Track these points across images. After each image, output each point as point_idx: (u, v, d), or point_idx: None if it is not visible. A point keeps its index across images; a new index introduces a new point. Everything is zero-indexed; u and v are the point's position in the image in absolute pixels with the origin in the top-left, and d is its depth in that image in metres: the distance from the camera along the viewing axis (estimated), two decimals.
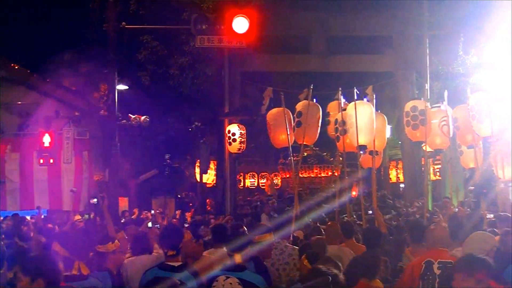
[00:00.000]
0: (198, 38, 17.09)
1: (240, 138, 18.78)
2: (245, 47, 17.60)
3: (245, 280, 5.74)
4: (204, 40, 17.10)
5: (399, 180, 27.42)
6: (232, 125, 19.06)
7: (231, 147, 18.98)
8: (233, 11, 16.59)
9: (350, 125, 11.10)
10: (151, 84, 20.71)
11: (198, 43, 17.29)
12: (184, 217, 18.57)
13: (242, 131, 18.84)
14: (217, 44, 17.38)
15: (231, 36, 16.79)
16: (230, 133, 18.86)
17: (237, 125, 18.93)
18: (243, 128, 18.90)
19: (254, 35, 16.99)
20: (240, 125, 18.95)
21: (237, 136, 18.77)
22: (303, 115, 11.09)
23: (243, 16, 16.28)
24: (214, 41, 17.16)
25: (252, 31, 16.60)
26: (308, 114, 10.96)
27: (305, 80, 22.43)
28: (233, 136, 18.81)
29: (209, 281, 5.79)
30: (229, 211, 18.89)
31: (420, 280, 6.35)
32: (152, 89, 20.56)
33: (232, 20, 16.32)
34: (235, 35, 16.68)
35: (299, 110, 11.23)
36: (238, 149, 18.99)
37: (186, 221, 17.40)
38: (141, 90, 20.47)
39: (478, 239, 6.50)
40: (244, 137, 18.89)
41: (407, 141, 19.46)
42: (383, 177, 28.39)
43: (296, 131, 11.26)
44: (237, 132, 18.79)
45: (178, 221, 16.49)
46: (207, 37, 17.03)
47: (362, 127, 10.93)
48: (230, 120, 19.49)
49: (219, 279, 5.76)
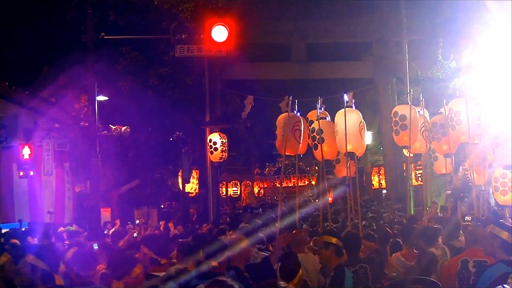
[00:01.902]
0: (177, 47, 17.10)
1: (221, 146, 18.76)
2: (224, 55, 17.63)
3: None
4: (184, 50, 17.12)
5: (382, 186, 27.51)
6: (213, 134, 19.03)
7: (212, 156, 18.94)
8: (212, 20, 16.63)
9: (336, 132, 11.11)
10: (131, 95, 20.61)
11: (177, 53, 17.31)
12: (168, 227, 18.47)
13: (224, 140, 18.82)
14: (197, 53, 17.41)
15: (211, 44, 16.82)
16: (212, 142, 18.84)
17: (218, 134, 18.90)
18: (224, 137, 18.88)
19: (233, 43, 17.04)
20: (221, 134, 18.93)
21: (219, 145, 18.75)
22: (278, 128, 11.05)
23: (222, 24, 16.32)
24: (194, 50, 17.17)
25: (231, 40, 16.65)
26: (287, 126, 10.93)
27: (286, 87, 22.58)
28: (215, 145, 18.79)
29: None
30: (212, 220, 18.81)
31: (456, 277, 6.65)
32: (133, 100, 20.46)
33: (211, 29, 16.35)
34: (214, 44, 16.72)
35: (276, 123, 11.21)
36: (220, 158, 18.97)
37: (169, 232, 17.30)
38: (122, 101, 20.36)
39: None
40: (226, 146, 18.87)
41: (389, 147, 19.64)
42: (365, 183, 28.47)
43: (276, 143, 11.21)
44: (218, 141, 18.77)
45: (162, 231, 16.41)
46: (186, 46, 17.05)
47: (350, 134, 10.93)
48: (212, 129, 19.44)
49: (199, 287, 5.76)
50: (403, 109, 11.37)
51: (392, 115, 11.47)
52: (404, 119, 11.12)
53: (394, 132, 11.41)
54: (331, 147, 11.25)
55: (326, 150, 11.24)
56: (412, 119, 10.99)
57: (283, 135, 10.76)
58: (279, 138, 10.91)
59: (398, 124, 11.25)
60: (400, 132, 11.22)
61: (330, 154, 11.38)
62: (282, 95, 12.26)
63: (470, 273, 6.54)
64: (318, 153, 11.34)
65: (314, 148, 11.34)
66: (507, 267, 5.90)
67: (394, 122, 11.38)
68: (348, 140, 10.81)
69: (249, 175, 32.94)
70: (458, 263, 6.74)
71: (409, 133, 10.98)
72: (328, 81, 22.81)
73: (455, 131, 11.32)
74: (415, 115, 11.17)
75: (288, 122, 10.84)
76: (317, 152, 11.31)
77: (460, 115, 11.21)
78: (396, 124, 11.32)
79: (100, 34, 17.18)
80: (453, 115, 11.30)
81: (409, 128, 10.95)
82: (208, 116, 20.02)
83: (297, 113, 11.37)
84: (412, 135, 11.02)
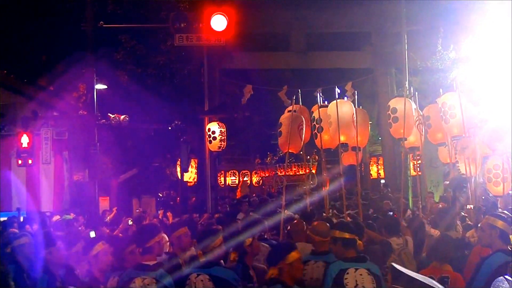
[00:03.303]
0: (176, 36, 17.05)
1: (220, 136, 18.80)
2: (223, 44, 17.59)
3: (215, 276, 5.84)
4: (183, 39, 17.07)
5: (380, 176, 27.53)
6: (212, 123, 19.05)
7: (211, 145, 18.98)
8: (211, 9, 16.57)
9: (329, 123, 11.16)
10: (130, 84, 20.58)
11: (177, 42, 17.25)
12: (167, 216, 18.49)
13: (222, 129, 18.85)
14: (196, 42, 17.36)
15: (210, 34, 16.77)
16: (210, 131, 18.88)
17: (217, 123, 18.93)
18: (223, 126, 18.91)
19: (232, 32, 16.99)
20: (220, 123, 18.96)
21: (217, 134, 18.79)
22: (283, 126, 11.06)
23: (221, 14, 16.27)
24: (193, 39, 17.12)
25: (230, 29, 16.60)
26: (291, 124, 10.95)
27: (285, 77, 22.58)
28: (213, 134, 18.83)
29: (182, 279, 5.86)
30: (210, 209, 18.84)
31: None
32: (131, 89, 20.42)
33: (211, 18, 16.31)
34: (213, 33, 16.67)
35: (280, 121, 11.23)
36: (218, 147, 19.01)
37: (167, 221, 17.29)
38: (120, 90, 20.33)
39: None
40: (224, 135, 18.90)
41: (388, 137, 19.59)
42: (363, 173, 28.48)
43: (279, 140, 11.22)
44: (217, 130, 18.81)
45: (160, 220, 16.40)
46: (185, 35, 17.00)
47: (343, 125, 10.99)
48: (210, 118, 19.45)
49: (191, 276, 5.86)
50: (395, 102, 11.45)
51: (387, 108, 11.55)
52: (395, 112, 11.19)
53: (388, 125, 11.51)
54: (330, 136, 11.31)
55: (325, 139, 11.30)
56: (406, 111, 11.03)
57: (288, 133, 10.79)
58: (284, 135, 10.93)
59: (390, 117, 11.33)
60: (393, 124, 11.29)
61: (330, 143, 11.44)
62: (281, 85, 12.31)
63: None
64: (318, 142, 11.42)
65: (314, 137, 11.41)
66: (506, 256, 5.90)
67: (387, 115, 11.47)
68: (341, 131, 10.88)
69: (248, 165, 32.96)
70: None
71: (402, 125, 11.04)
72: (327, 71, 22.78)
73: (449, 125, 11.40)
74: (409, 107, 11.20)
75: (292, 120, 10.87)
76: (317, 141, 11.40)
77: (454, 108, 11.27)
78: (389, 117, 11.40)
79: (99, 23, 17.11)
80: (447, 108, 11.37)
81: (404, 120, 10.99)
82: (207, 105, 20.02)
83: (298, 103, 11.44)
84: (406, 127, 11.07)
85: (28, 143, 16.93)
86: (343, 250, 5.99)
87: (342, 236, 6.01)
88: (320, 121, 11.19)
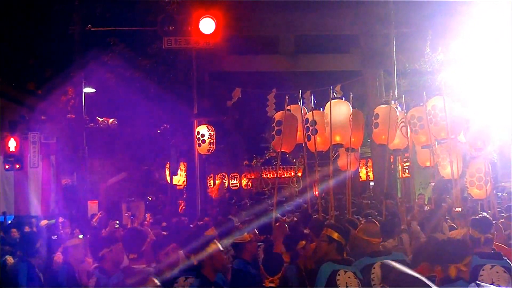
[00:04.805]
0: (165, 39, 17.02)
1: (209, 139, 18.78)
2: (212, 47, 17.57)
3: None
4: (171, 42, 17.05)
5: (369, 178, 27.55)
6: (201, 126, 19.03)
7: (200, 148, 18.95)
8: (200, 12, 16.55)
9: (326, 123, 11.16)
10: (118, 87, 20.51)
11: (165, 45, 17.23)
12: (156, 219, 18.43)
13: (211, 132, 18.84)
14: (184, 45, 17.34)
15: (198, 37, 16.76)
16: (199, 134, 18.86)
17: (206, 126, 18.91)
18: (212, 129, 18.89)
19: (221, 35, 16.99)
20: (209, 126, 18.94)
21: (206, 137, 18.78)
22: (283, 124, 11.08)
23: (210, 17, 16.26)
24: (181, 43, 17.10)
25: (219, 32, 16.60)
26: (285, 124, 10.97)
27: (274, 79, 22.56)
28: (202, 137, 18.81)
29: (170, 283, 5.88)
30: (199, 213, 18.79)
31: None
32: (120, 92, 20.36)
33: (199, 21, 16.29)
34: (202, 36, 16.66)
35: (278, 119, 11.22)
36: (207, 150, 18.99)
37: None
38: (109, 93, 20.26)
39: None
40: (214, 138, 18.88)
41: None
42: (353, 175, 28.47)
43: (276, 139, 11.22)
44: (206, 133, 18.79)
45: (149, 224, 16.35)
46: (174, 38, 16.97)
47: (339, 125, 11.00)
48: (199, 121, 19.42)
49: (179, 280, 5.88)
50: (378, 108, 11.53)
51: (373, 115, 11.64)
52: (378, 118, 11.27)
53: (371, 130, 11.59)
54: (325, 137, 11.30)
55: (319, 141, 11.29)
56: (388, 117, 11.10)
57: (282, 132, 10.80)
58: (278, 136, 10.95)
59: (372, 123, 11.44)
60: (373, 129, 11.39)
61: (323, 146, 11.43)
62: (270, 88, 12.29)
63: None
64: (311, 144, 11.37)
65: (307, 139, 11.38)
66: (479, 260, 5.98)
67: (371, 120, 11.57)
68: (337, 132, 10.88)
69: (238, 168, 32.94)
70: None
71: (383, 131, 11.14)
72: (316, 73, 22.80)
73: (438, 127, 11.46)
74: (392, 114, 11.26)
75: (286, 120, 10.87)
76: (310, 143, 11.36)
77: (443, 111, 11.34)
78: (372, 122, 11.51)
79: (87, 26, 17.06)
80: (437, 111, 11.44)
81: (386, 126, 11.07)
82: (196, 108, 19.98)
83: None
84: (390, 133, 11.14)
85: (15, 147, 16.83)
86: (335, 252, 6.02)
87: (336, 237, 6.07)
88: (314, 123, 11.18)
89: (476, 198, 11.61)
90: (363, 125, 11.72)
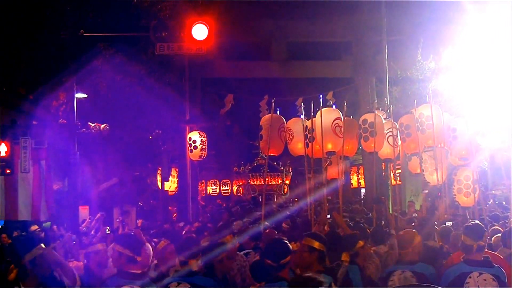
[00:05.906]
0: (157, 45, 17.02)
1: (201, 145, 18.78)
2: (204, 53, 17.58)
3: (196, 285, 5.84)
4: (164, 48, 17.05)
5: (360, 186, 27.61)
6: (193, 132, 19.03)
7: (192, 154, 18.95)
8: (193, 18, 16.58)
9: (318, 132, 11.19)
10: (110, 92, 20.47)
11: (158, 51, 17.23)
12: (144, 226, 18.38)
13: (203, 138, 18.84)
14: (177, 51, 17.34)
15: (191, 43, 16.77)
16: (191, 140, 18.85)
17: (198, 132, 18.91)
18: (204, 135, 18.88)
19: (213, 41, 17.01)
20: (201, 132, 18.94)
21: (198, 143, 18.77)
22: (264, 129, 11.10)
23: (203, 23, 16.27)
24: (174, 48, 17.11)
25: (211, 38, 16.62)
26: (271, 127, 10.98)
27: (266, 86, 22.57)
28: (194, 143, 18.81)
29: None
30: (191, 218, 18.78)
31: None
32: (112, 97, 20.32)
33: (192, 27, 16.30)
34: (194, 42, 16.67)
35: (261, 124, 11.24)
36: (199, 156, 18.98)
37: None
38: (101, 98, 20.21)
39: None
40: (205, 144, 18.88)
41: None
42: (344, 183, 28.49)
43: (260, 143, 11.26)
44: (198, 139, 18.79)
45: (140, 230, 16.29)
46: (166, 44, 16.98)
47: (327, 133, 11.00)
48: (191, 127, 19.41)
49: (171, 285, 5.84)
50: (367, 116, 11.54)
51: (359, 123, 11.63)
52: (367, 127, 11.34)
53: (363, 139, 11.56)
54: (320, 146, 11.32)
55: (316, 149, 11.31)
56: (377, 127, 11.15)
57: (268, 136, 10.81)
58: (264, 139, 10.96)
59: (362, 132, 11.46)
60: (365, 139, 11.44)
61: (320, 153, 11.43)
62: (262, 94, 12.30)
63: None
64: (308, 151, 11.38)
65: (306, 146, 11.37)
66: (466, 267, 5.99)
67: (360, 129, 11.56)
68: (328, 139, 10.90)
69: (229, 174, 32.89)
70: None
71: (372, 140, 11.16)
72: (308, 80, 22.83)
73: (424, 135, 11.51)
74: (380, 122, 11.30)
75: (272, 123, 10.89)
76: (308, 150, 11.36)
77: (430, 119, 11.39)
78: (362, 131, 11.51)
79: (79, 31, 17.04)
80: (423, 119, 11.49)
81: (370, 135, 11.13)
82: (188, 114, 19.97)
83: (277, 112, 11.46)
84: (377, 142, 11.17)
85: (6, 151, 16.74)
86: (317, 262, 5.78)
87: (317, 246, 5.80)
88: (312, 131, 11.20)
89: (463, 206, 11.67)
90: (357, 133, 11.71)
